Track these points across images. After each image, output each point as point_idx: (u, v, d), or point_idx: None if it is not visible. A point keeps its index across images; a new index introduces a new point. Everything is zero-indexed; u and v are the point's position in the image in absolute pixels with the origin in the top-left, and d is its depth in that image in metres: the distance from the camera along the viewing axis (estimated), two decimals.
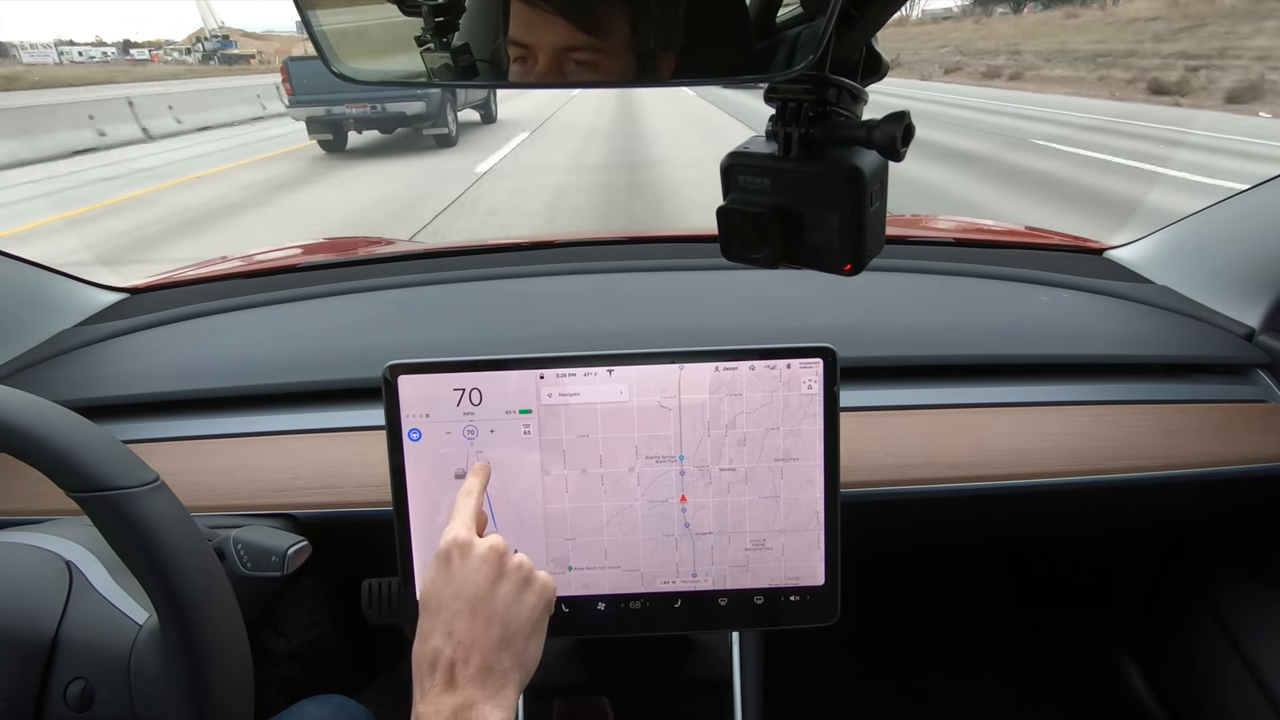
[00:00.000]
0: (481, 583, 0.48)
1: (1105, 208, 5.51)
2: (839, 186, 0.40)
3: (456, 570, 0.49)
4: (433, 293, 1.05)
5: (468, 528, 0.51)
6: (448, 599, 0.48)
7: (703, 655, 0.76)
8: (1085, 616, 1.21)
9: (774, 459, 0.62)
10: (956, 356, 0.88)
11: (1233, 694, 0.89)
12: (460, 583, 0.48)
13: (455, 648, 0.46)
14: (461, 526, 0.51)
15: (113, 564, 0.58)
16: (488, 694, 0.45)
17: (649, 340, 0.89)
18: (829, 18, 0.35)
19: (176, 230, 5.61)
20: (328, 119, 8.68)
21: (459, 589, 0.48)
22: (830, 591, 0.65)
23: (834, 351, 0.61)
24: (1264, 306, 0.89)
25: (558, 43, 0.41)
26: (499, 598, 0.48)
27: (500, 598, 0.48)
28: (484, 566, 0.49)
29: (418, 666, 0.47)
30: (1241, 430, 0.80)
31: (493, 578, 0.49)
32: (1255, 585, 0.91)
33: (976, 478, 0.75)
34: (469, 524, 0.52)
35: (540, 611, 0.50)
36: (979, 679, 1.27)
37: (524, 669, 0.48)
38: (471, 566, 0.49)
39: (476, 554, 0.49)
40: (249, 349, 0.93)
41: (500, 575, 0.49)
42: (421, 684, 0.47)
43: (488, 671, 0.46)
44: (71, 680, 0.52)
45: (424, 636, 0.48)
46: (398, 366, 0.60)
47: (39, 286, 0.97)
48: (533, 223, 5.30)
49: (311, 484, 0.73)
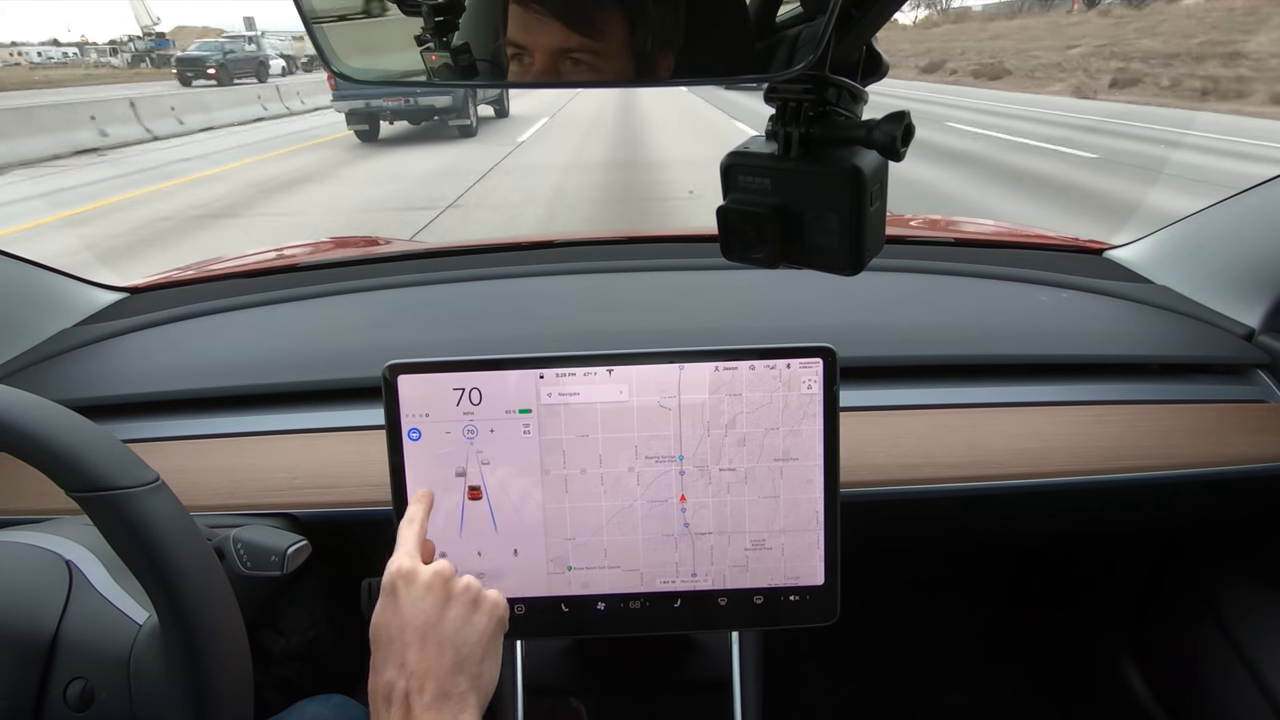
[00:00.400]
0: (429, 610, 0.48)
1: None
2: (839, 186, 0.40)
3: (403, 600, 0.49)
4: (433, 292, 1.05)
5: (411, 556, 0.51)
6: (396, 630, 0.48)
7: (703, 655, 0.76)
8: (1085, 616, 1.21)
9: (774, 459, 0.62)
10: (956, 356, 0.88)
11: (1232, 694, 0.89)
12: (408, 612, 0.48)
13: (409, 678, 0.46)
14: (405, 556, 0.51)
15: (113, 564, 0.58)
16: (445, 719, 0.45)
17: (649, 340, 0.89)
18: (829, 18, 0.35)
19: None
20: (366, 111, 9.82)
21: (406, 619, 0.48)
22: (830, 591, 0.65)
23: (834, 351, 0.61)
24: (1264, 306, 0.89)
25: (553, 44, 0.40)
26: (448, 623, 0.48)
27: (449, 622, 0.48)
28: (429, 594, 0.49)
29: (373, 701, 0.48)
30: (1241, 430, 0.80)
31: (440, 603, 0.49)
32: (1255, 585, 0.91)
33: (976, 477, 0.75)
34: (412, 553, 0.52)
35: (493, 631, 0.50)
36: (979, 678, 1.27)
37: (481, 691, 0.49)
38: (417, 594, 0.49)
39: (421, 581, 0.49)
40: (249, 349, 0.93)
41: (448, 600, 0.49)
42: (379, 717, 0.47)
43: (444, 698, 0.46)
44: (71, 680, 0.52)
45: (377, 670, 0.48)
46: (397, 366, 0.60)
47: (39, 286, 0.97)
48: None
49: (311, 484, 0.73)
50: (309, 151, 9.81)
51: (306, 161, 8.86)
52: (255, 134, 11.82)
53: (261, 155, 9.46)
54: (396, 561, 0.51)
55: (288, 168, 8.34)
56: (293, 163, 8.76)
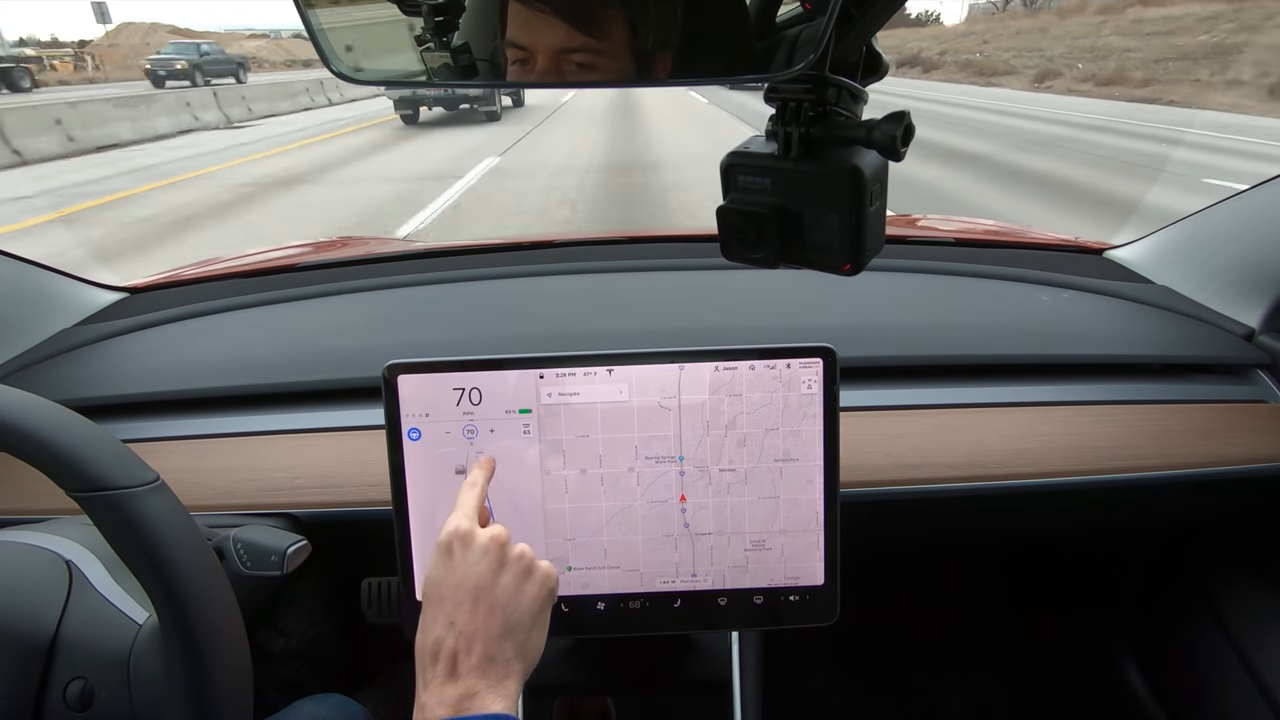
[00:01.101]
0: (483, 573, 0.48)
1: None
2: (839, 186, 0.40)
3: (458, 561, 0.49)
4: (432, 292, 1.05)
5: (469, 519, 0.51)
6: (449, 589, 0.48)
7: (703, 655, 0.76)
8: (1085, 617, 1.21)
9: (774, 459, 0.62)
10: (956, 356, 0.88)
11: (1232, 695, 0.89)
12: (462, 573, 0.48)
13: (457, 638, 0.46)
14: (463, 518, 0.51)
15: (112, 563, 0.58)
16: (490, 684, 0.45)
17: (649, 340, 0.89)
18: (829, 18, 0.35)
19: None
20: (411, 98, 11.98)
21: (460, 579, 0.48)
22: (830, 591, 0.65)
23: (834, 351, 0.61)
24: (1264, 307, 0.89)
25: (556, 44, 0.40)
26: (500, 588, 0.48)
27: (502, 588, 0.48)
28: (485, 557, 0.49)
29: (420, 657, 0.47)
30: (1241, 430, 0.80)
31: (494, 568, 0.49)
32: (1255, 586, 0.91)
33: (976, 477, 0.75)
34: (471, 515, 0.52)
35: (542, 602, 0.50)
36: (978, 679, 1.27)
37: (526, 659, 0.49)
38: (473, 557, 0.49)
39: (478, 545, 0.49)
40: (249, 348, 0.93)
41: (502, 565, 0.49)
42: (424, 674, 0.47)
43: (489, 661, 0.46)
44: (71, 679, 0.52)
45: (426, 628, 0.48)
46: (397, 366, 0.60)
47: (39, 286, 0.97)
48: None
49: (311, 483, 0.73)
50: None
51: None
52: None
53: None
54: (454, 522, 0.50)
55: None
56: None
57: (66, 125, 9.81)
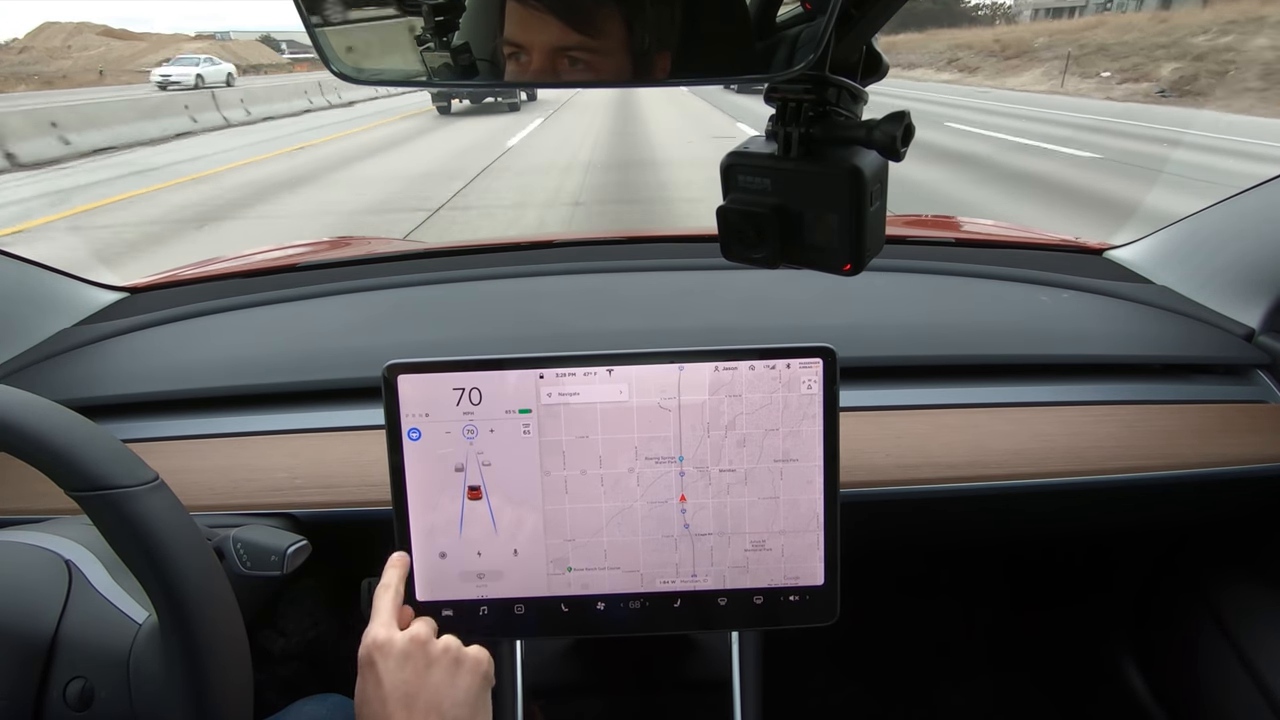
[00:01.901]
0: (410, 679, 0.48)
1: None
2: (839, 186, 0.40)
3: (382, 672, 0.48)
4: (432, 292, 1.05)
5: (386, 626, 0.50)
6: (378, 705, 0.48)
7: (703, 655, 0.76)
8: (1085, 617, 1.21)
9: (774, 460, 0.62)
10: (956, 356, 0.88)
11: (1232, 695, 0.89)
12: (389, 684, 0.48)
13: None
14: (380, 626, 0.50)
15: (112, 563, 0.58)
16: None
17: (649, 340, 0.89)
18: (829, 18, 0.35)
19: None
20: (446, 91, 12.96)
21: (387, 691, 0.48)
22: (830, 591, 0.65)
23: (834, 351, 0.61)
24: (1263, 307, 0.89)
25: (551, 42, 0.40)
26: (430, 688, 0.48)
27: (432, 687, 0.48)
28: (408, 662, 0.48)
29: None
30: (1241, 430, 0.80)
31: (420, 670, 0.48)
32: (1255, 585, 0.91)
33: (976, 478, 0.75)
34: (387, 622, 0.51)
35: (479, 689, 0.50)
36: (978, 679, 1.27)
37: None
38: (394, 665, 0.48)
39: (397, 651, 0.49)
40: (248, 348, 0.93)
41: (428, 665, 0.49)
42: None
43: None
44: (71, 679, 0.52)
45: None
46: (397, 366, 0.60)
47: (39, 286, 0.97)
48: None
49: (311, 483, 0.73)
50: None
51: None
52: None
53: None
54: (371, 633, 0.50)
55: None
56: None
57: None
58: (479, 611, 0.64)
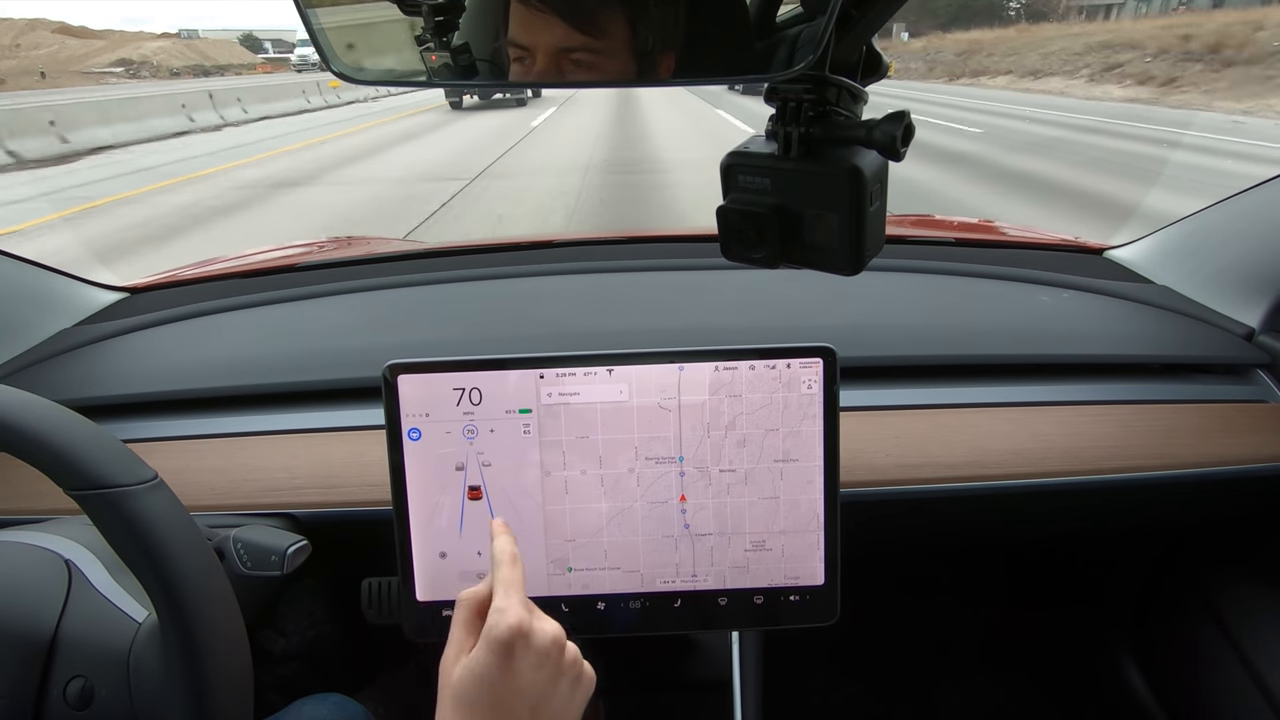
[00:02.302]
0: (543, 681, 0.44)
1: None
2: (839, 186, 0.40)
3: (521, 666, 0.44)
4: (432, 292, 1.05)
5: (527, 608, 0.46)
6: (508, 696, 0.43)
7: (703, 655, 0.76)
8: (1085, 616, 1.21)
9: (774, 460, 0.62)
10: (956, 356, 0.88)
11: (1232, 694, 0.89)
12: (525, 681, 0.44)
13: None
14: (520, 607, 0.45)
15: (112, 563, 0.58)
16: None
17: (649, 340, 0.89)
18: (829, 18, 0.35)
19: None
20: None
21: (522, 688, 0.43)
22: (830, 591, 0.65)
23: (834, 351, 0.61)
24: (1264, 306, 0.89)
25: (555, 43, 0.40)
26: (557, 698, 0.45)
27: (558, 699, 0.45)
28: (546, 662, 0.44)
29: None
30: (1241, 430, 0.80)
31: (553, 676, 0.45)
32: (1255, 585, 0.91)
33: (976, 478, 0.75)
34: (527, 602, 0.46)
35: (582, 708, 0.47)
36: (979, 679, 1.27)
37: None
38: (535, 662, 0.44)
39: (539, 647, 0.45)
40: (248, 348, 0.93)
41: (559, 673, 0.45)
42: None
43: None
44: (71, 678, 0.52)
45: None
46: (397, 366, 0.60)
47: (39, 286, 0.97)
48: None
49: (311, 484, 0.73)
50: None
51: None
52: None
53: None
54: (515, 614, 0.44)
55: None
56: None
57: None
58: None
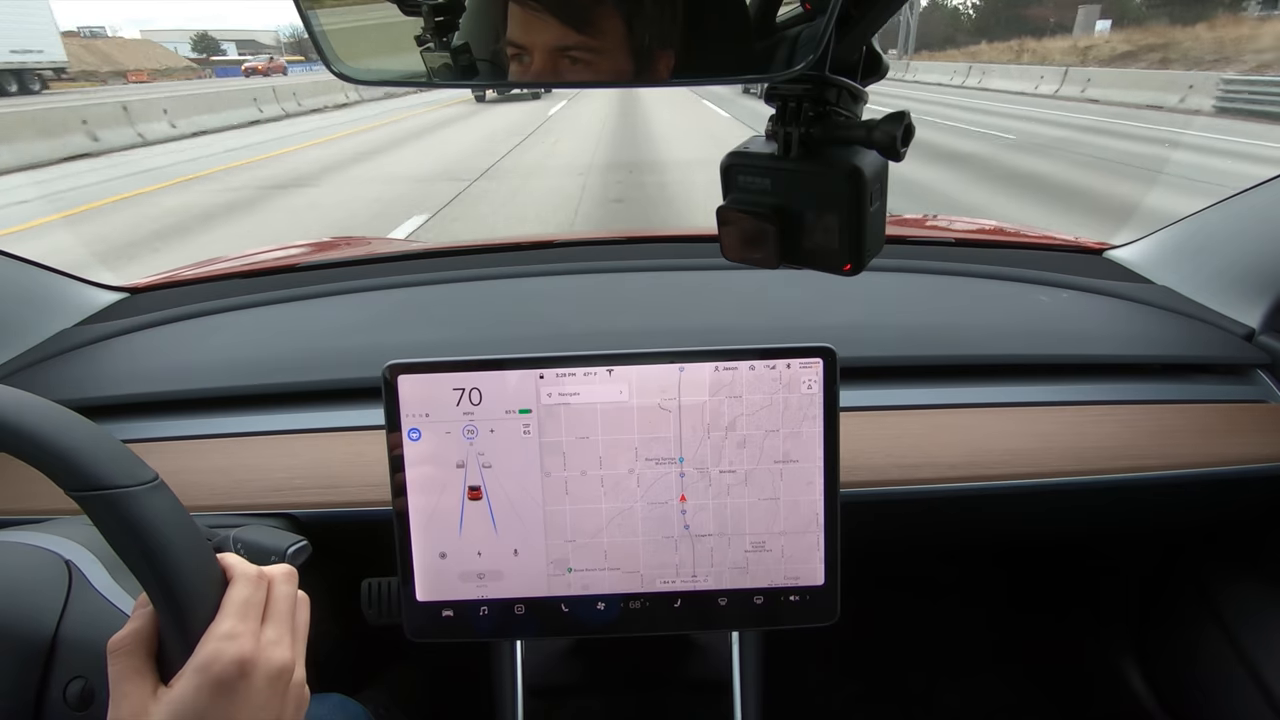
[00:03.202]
0: (266, 715, 0.42)
1: None
2: (839, 186, 0.40)
3: (241, 699, 0.41)
4: (432, 292, 1.05)
5: (255, 636, 0.43)
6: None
7: (703, 655, 0.76)
8: (1086, 616, 1.21)
9: (774, 461, 0.62)
10: (956, 356, 0.88)
11: (1233, 695, 0.89)
12: (244, 717, 0.41)
13: None
14: (253, 638, 0.43)
15: (112, 563, 0.58)
16: None
17: (649, 340, 0.89)
18: (829, 18, 0.35)
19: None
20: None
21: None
22: (830, 591, 0.65)
23: (834, 351, 0.61)
24: (1264, 306, 0.89)
25: (551, 42, 0.40)
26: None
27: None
28: (273, 701, 0.42)
29: None
30: (1241, 430, 0.80)
31: (278, 709, 0.43)
32: (1255, 585, 0.91)
33: (976, 478, 0.75)
34: (257, 632, 0.44)
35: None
36: (979, 679, 1.27)
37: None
38: (259, 701, 0.42)
39: (266, 677, 0.42)
40: (249, 349, 0.93)
41: (284, 700, 0.43)
42: None
43: None
44: (71, 679, 0.52)
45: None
46: (397, 366, 0.60)
47: (39, 286, 0.97)
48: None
49: (311, 483, 0.73)
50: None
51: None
52: None
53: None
54: (245, 644, 0.42)
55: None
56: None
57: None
58: (479, 612, 0.64)
